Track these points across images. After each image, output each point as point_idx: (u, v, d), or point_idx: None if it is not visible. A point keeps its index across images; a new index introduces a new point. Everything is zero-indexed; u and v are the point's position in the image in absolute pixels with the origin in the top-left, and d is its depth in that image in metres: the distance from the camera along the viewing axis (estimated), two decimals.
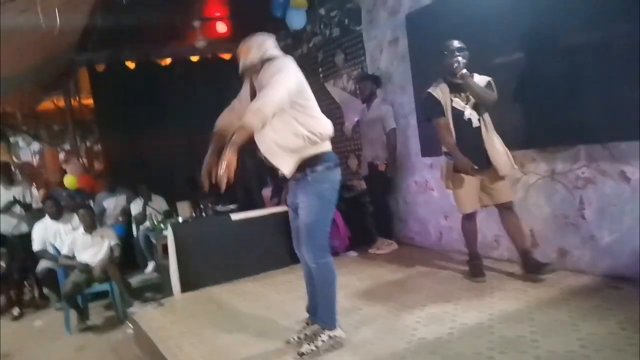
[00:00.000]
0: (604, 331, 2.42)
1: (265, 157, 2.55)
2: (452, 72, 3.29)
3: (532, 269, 3.29)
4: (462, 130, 3.33)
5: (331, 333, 2.63)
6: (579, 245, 3.32)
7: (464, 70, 3.25)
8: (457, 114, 3.33)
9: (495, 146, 3.30)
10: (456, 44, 3.31)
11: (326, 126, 2.58)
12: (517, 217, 3.42)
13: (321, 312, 2.66)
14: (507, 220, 3.42)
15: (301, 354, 2.59)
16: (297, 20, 5.35)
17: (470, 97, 3.32)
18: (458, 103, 3.34)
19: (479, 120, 3.32)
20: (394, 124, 4.63)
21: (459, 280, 3.55)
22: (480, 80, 3.32)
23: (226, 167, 2.23)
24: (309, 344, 2.61)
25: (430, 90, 3.43)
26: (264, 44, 2.58)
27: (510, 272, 3.49)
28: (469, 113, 3.32)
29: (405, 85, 4.60)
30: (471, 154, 3.29)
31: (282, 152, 2.50)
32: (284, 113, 2.44)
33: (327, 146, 2.60)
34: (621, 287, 2.94)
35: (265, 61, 2.54)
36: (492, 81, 3.31)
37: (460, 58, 3.26)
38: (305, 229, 2.58)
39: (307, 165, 2.54)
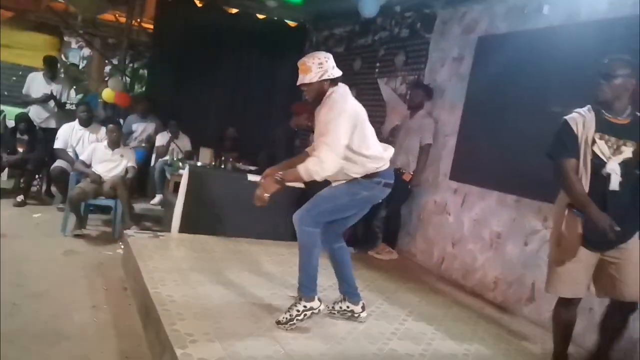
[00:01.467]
0: None
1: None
2: (606, 103, 2.34)
3: None
4: (593, 187, 2.35)
5: (307, 304, 2.62)
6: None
7: (630, 108, 2.30)
8: (595, 164, 2.35)
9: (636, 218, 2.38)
10: (620, 63, 2.32)
11: (381, 158, 2.64)
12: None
13: (299, 279, 2.65)
14: (616, 322, 2.50)
15: (278, 322, 2.63)
16: (369, 7, 5.27)
17: (627, 145, 2.33)
18: (602, 148, 2.34)
19: (621, 182, 2.32)
20: (431, 139, 4.57)
21: (448, 307, 3.51)
22: None
23: (258, 197, 2.56)
24: (284, 313, 2.64)
25: (567, 118, 2.43)
26: (324, 64, 2.56)
27: (498, 317, 3.45)
28: (612, 167, 2.32)
29: (456, 105, 4.53)
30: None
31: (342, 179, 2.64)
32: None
33: (385, 166, 2.65)
34: None
35: (324, 83, 2.56)
36: None
37: (618, 82, 2.28)
38: (316, 198, 2.65)
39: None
